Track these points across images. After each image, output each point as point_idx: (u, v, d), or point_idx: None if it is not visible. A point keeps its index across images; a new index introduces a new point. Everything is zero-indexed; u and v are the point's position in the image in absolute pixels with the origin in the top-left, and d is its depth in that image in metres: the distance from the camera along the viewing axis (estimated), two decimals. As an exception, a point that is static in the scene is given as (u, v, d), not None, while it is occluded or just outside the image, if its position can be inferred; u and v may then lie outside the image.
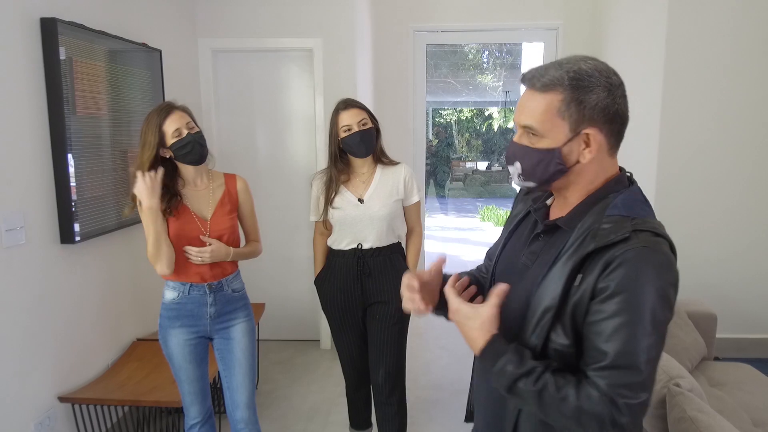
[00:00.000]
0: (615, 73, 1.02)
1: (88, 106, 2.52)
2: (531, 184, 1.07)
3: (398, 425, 2.44)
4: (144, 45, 2.99)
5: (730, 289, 3.67)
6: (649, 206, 1.05)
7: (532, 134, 1.03)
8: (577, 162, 1.02)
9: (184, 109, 2.03)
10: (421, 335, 4.28)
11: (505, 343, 1.01)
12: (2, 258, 2.09)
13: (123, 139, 2.80)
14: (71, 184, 2.39)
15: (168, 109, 1.98)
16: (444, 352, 3.98)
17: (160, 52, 3.15)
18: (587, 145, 1.01)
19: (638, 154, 3.85)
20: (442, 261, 1.22)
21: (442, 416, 3.09)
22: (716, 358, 2.90)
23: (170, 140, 1.96)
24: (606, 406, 0.90)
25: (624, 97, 1.02)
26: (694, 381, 1.69)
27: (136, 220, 2.84)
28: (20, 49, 2.18)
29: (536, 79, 1.01)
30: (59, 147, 2.33)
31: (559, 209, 1.10)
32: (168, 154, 2.00)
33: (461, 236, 8.97)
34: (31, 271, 2.24)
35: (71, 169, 2.38)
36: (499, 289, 1.04)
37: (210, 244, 2.04)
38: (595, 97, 0.98)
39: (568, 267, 0.98)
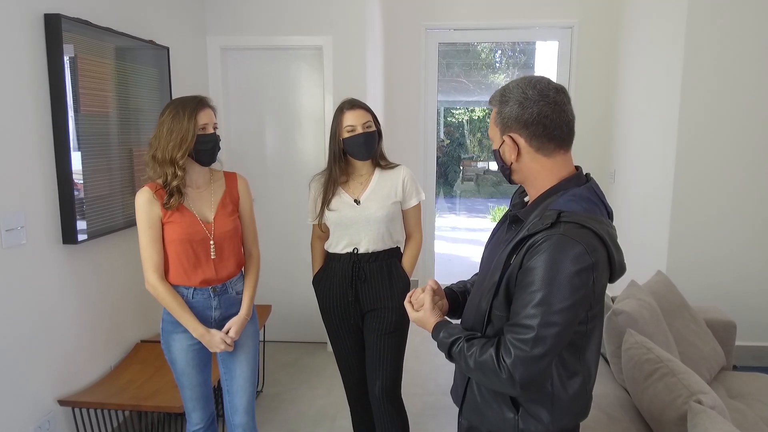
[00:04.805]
0: (538, 88, 1.20)
1: (93, 104, 2.48)
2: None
3: None
4: (151, 42, 2.94)
5: (750, 296, 3.56)
6: (595, 203, 1.23)
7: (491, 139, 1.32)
8: (512, 161, 1.26)
9: (214, 110, 2.00)
10: (429, 341, 4.20)
11: (444, 325, 1.35)
12: (2, 258, 2.05)
13: (130, 137, 2.76)
14: (77, 182, 2.34)
15: (204, 102, 1.95)
16: (453, 356, 3.91)
17: (168, 49, 3.10)
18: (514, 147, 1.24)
19: (656, 155, 3.75)
20: (434, 286, 1.48)
21: (451, 422, 3.04)
22: (734, 367, 2.83)
23: (197, 131, 1.91)
24: (497, 348, 1.18)
25: (542, 106, 1.19)
26: (716, 397, 1.61)
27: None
28: (24, 46, 2.14)
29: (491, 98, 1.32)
30: (62, 145, 2.29)
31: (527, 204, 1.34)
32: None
33: (472, 237, 8.88)
34: (32, 272, 2.21)
35: (76, 168, 2.34)
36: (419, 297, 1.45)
37: (228, 331, 2.03)
38: (509, 109, 1.23)
39: (508, 249, 1.22)
